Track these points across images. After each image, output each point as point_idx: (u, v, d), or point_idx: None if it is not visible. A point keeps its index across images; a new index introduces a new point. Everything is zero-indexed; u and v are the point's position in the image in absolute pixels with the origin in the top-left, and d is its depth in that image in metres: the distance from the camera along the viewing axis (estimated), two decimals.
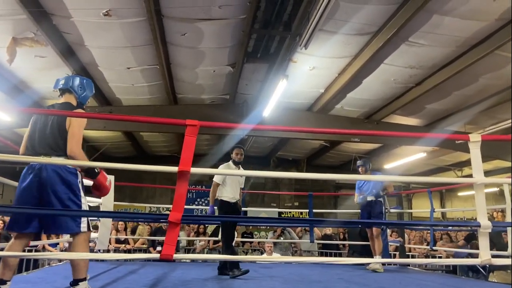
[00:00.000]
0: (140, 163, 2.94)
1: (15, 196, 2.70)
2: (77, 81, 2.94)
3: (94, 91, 3.13)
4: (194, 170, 2.48)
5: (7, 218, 7.84)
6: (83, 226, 2.67)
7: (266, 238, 8.50)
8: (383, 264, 6.06)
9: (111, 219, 5.90)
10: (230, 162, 4.87)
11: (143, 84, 7.85)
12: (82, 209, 2.69)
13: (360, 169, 5.69)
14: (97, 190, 2.94)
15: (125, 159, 13.52)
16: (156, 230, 8.28)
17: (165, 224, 7.70)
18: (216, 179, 4.74)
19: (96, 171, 2.86)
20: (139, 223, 8.85)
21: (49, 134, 2.73)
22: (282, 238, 8.43)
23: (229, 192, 4.75)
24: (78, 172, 2.75)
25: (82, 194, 2.73)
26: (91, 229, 2.77)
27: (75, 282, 2.63)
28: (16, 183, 3.99)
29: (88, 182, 4.95)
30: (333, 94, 7.88)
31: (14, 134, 10.24)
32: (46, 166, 2.64)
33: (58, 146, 2.70)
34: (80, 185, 2.73)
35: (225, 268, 4.64)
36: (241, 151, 4.85)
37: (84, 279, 2.65)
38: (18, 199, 2.67)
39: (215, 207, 4.78)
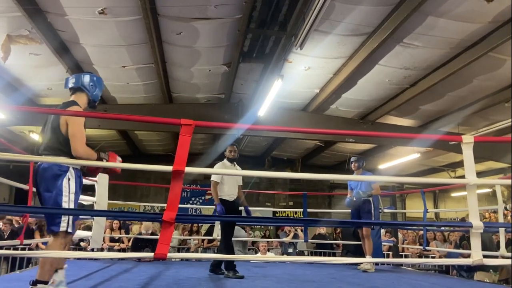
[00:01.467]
0: (134, 161, 2.95)
1: None
2: (87, 78, 2.91)
3: (103, 88, 3.15)
4: (188, 169, 2.49)
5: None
6: (63, 225, 2.62)
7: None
8: (376, 264, 6.09)
9: (105, 218, 5.88)
10: (225, 160, 4.89)
11: (138, 83, 7.83)
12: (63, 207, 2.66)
13: (352, 165, 5.68)
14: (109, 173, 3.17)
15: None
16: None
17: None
18: (214, 178, 4.72)
19: (105, 159, 2.82)
20: (133, 222, 8.80)
21: (48, 134, 2.78)
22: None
23: (227, 190, 4.74)
24: (69, 170, 2.70)
25: (66, 193, 2.65)
26: (72, 231, 2.68)
27: (36, 282, 2.53)
28: (8, 181, 3.99)
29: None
30: (328, 94, 7.91)
31: (8, 131, 10.20)
32: (40, 165, 2.69)
33: (53, 145, 2.72)
34: (67, 185, 2.66)
35: (218, 267, 4.65)
36: (234, 148, 4.88)
37: (46, 283, 2.55)
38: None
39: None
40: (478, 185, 2.95)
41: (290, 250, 8.59)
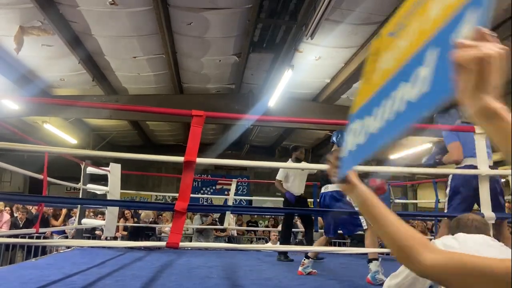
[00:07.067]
0: (146, 151, 2.99)
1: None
2: (335, 136, 4.12)
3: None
4: (200, 160, 2.52)
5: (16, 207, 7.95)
6: (364, 224, 3.70)
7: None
8: (387, 254, 6.08)
9: (118, 207, 5.97)
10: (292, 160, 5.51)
11: (149, 73, 7.87)
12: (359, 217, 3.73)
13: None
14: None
15: (131, 147, 13.59)
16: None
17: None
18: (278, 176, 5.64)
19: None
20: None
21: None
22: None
23: (295, 187, 5.55)
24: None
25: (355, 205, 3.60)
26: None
27: (370, 260, 3.62)
28: (23, 171, 4.06)
29: (93, 170, 4.96)
30: (339, 84, 7.85)
31: (21, 122, 10.35)
32: (326, 192, 4.01)
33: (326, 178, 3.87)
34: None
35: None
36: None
37: (376, 259, 3.58)
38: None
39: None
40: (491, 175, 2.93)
41: None
